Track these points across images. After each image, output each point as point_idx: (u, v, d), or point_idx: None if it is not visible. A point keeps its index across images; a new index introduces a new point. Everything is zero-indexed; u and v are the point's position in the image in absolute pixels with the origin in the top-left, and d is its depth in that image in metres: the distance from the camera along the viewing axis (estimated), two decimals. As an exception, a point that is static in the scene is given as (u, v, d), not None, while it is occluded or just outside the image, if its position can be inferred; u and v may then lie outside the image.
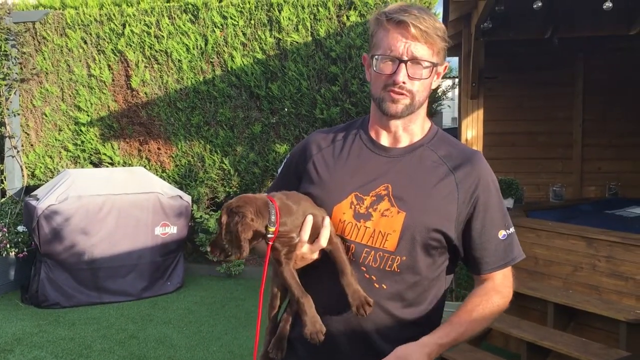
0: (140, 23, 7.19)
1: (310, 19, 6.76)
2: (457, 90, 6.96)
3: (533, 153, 6.16)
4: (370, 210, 1.45)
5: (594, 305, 3.80)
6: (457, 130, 5.44)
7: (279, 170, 1.71)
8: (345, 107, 6.70)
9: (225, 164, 7.15)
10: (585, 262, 4.04)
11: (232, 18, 6.95)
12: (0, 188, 7.40)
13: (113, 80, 7.41)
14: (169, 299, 5.86)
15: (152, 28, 7.17)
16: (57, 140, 7.63)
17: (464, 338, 1.45)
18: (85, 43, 7.42)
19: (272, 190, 1.62)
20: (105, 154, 7.52)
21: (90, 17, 7.34)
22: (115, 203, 5.75)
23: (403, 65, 1.41)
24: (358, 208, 1.46)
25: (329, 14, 6.70)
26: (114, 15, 7.27)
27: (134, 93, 7.35)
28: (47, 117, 7.62)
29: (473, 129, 5.01)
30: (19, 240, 6.00)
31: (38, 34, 7.51)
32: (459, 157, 1.50)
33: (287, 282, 1.42)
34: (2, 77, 7.09)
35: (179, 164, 7.35)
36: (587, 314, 3.85)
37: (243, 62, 6.97)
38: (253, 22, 6.92)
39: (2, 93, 7.14)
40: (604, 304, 3.81)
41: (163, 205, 6.00)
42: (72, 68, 7.48)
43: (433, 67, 1.45)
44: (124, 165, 7.41)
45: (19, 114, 7.36)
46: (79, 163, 7.61)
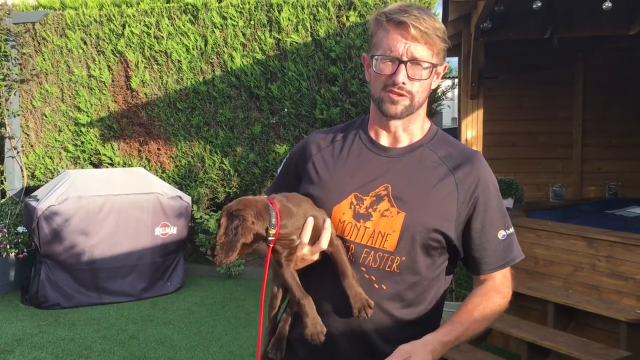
0: (140, 24, 7.20)
1: (310, 20, 6.77)
2: (456, 90, 6.96)
3: (533, 153, 6.15)
4: (370, 211, 1.45)
5: (594, 305, 3.80)
6: (457, 130, 5.44)
7: (278, 171, 1.71)
8: (345, 107, 6.70)
9: (225, 165, 7.15)
10: (586, 262, 4.04)
11: (231, 18, 6.95)
12: (0, 189, 7.40)
13: (113, 81, 7.41)
14: (169, 300, 5.86)
15: (151, 29, 7.17)
16: (57, 141, 7.63)
17: (466, 337, 1.44)
18: (85, 44, 7.42)
19: (271, 191, 1.62)
20: (105, 155, 7.52)
21: (90, 17, 7.34)
22: (115, 204, 5.75)
23: (403, 66, 1.41)
24: (358, 208, 1.46)
25: (329, 15, 6.70)
26: (114, 16, 7.27)
27: (134, 94, 7.35)
28: (47, 117, 7.62)
29: (473, 129, 5.01)
30: (19, 241, 6.00)
31: (38, 35, 7.51)
32: (459, 157, 1.50)
33: (287, 283, 1.42)
34: (1, 77, 7.09)
35: (179, 165, 7.35)
36: (587, 314, 3.85)
37: (243, 62, 6.98)
38: (253, 22, 6.92)
39: (2, 94, 7.14)
40: (604, 304, 3.81)
41: (163, 206, 6.01)
42: (71, 69, 7.48)
43: (433, 67, 1.45)
44: (124, 166, 7.41)
45: (19, 115, 7.36)
46: (79, 164, 7.61)
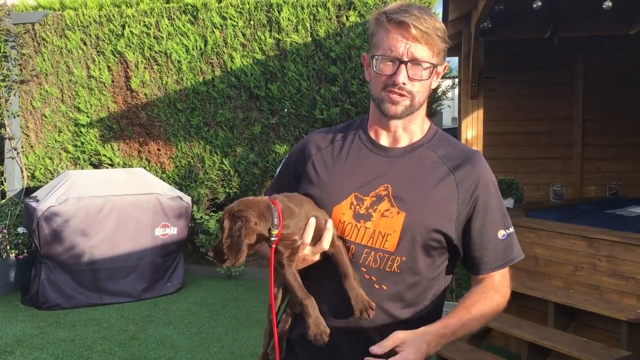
0: (140, 24, 7.19)
1: (310, 20, 6.76)
2: (457, 90, 6.96)
3: (533, 153, 6.15)
4: (370, 211, 1.45)
5: (595, 305, 3.79)
6: (457, 130, 5.43)
7: (278, 171, 1.70)
8: (345, 107, 6.70)
9: (225, 165, 7.15)
10: (586, 261, 4.03)
11: (231, 19, 6.95)
12: (0, 189, 7.40)
13: (113, 82, 7.41)
14: (170, 300, 5.85)
15: (151, 29, 7.17)
16: (57, 142, 7.63)
17: (462, 334, 1.44)
18: (85, 44, 7.42)
19: (270, 191, 1.61)
20: (105, 155, 7.52)
21: (90, 18, 7.34)
22: (115, 204, 5.75)
23: (403, 66, 1.41)
24: (358, 209, 1.46)
25: (329, 15, 6.70)
26: (114, 17, 7.27)
27: (134, 94, 7.35)
28: (46, 118, 7.62)
29: (473, 129, 5.00)
30: (19, 242, 6.00)
31: (37, 35, 7.51)
32: (459, 157, 1.50)
33: (289, 284, 1.41)
34: (1, 78, 7.09)
35: (179, 165, 7.35)
36: (587, 314, 3.85)
37: (243, 62, 6.97)
38: (252, 22, 6.92)
39: (1, 94, 7.14)
40: (605, 304, 3.80)
41: (163, 206, 6.00)
42: (71, 69, 7.48)
43: (433, 68, 1.44)
44: (124, 167, 7.41)
45: (19, 116, 7.36)
46: (79, 164, 7.61)
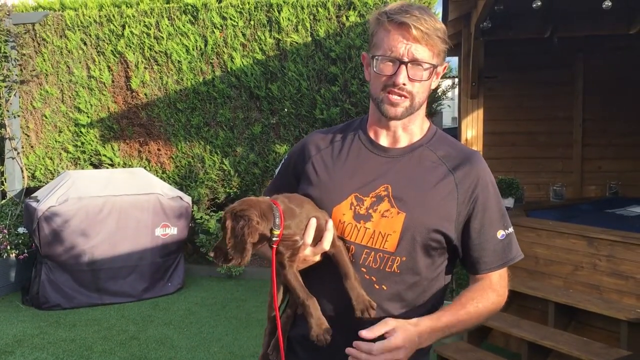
0: (140, 24, 7.20)
1: (310, 20, 6.77)
2: (457, 90, 6.96)
3: (533, 153, 6.15)
4: (370, 211, 1.45)
5: (595, 305, 3.79)
6: (457, 130, 5.44)
7: (277, 171, 1.70)
8: (345, 107, 6.70)
9: (226, 165, 7.15)
10: (586, 261, 4.04)
11: (231, 19, 6.95)
12: (1, 190, 7.40)
13: (113, 82, 7.41)
14: (170, 300, 5.86)
15: (151, 29, 7.17)
16: (57, 142, 7.63)
17: (456, 329, 1.43)
18: (85, 44, 7.42)
19: (269, 191, 1.61)
20: (106, 155, 7.52)
21: (90, 18, 7.34)
22: (116, 204, 5.75)
23: (403, 67, 1.41)
24: (358, 209, 1.46)
25: (329, 15, 6.70)
26: (114, 17, 7.27)
27: (134, 94, 7.35)
28: (47, 118, 7.62)
29: (473, 129, 5.01)
30: (20, 242, 6.01)
31: (38, 36, 7.51)
32: (458, 157, 1.50)
33: (291, 284, 1.41)
34: (2, 78, 7.09)
35: (179, 165, 7.35)
36: (587, 314, 3.85)
37: (243, 62, 6.98)
38: (252, 22, 6.92)
39: (2, 95, 7.14)
40: (605, 303, 3.80)
41: (163, 206, 6.00)
42: (71, 69, 7.48)
43: (433, 68, 1.45)
44: (124, 167, 7.41)
45: (19, 116, 7.36)
46: (79, 164, 7.61)
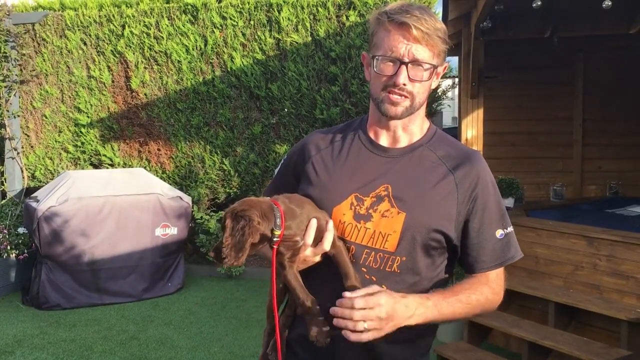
0: (140, 24, 7.19)
1: (310, 19, 6.76)
2: (457, 90, 6.96)
3: (533, 152, 6.15)
4: (371, 212, 1.45)
5: (595, 305, 3.79)
6: (457, 130, 5.44)
7: (276, 171, 1.70)
8: (345, 107, 6.70)
9: (226, 165, 7.15)
10: (586, 261, 4.03)
11: (231, 19, 6.95)
12: (1, 190, 7.40)
13: (113, 82, 7.41)
14: (170, 300, 5.85)
15: (151, 29, 7.17)
16: (57, 142, 7.63)
17: (444, 315, 1.40)
18: (85, 44, 7.42)
19: (269, 191, 1.61)
20: (106, 155, 7.52)
21: (90, 18, 7.34)
22: (116, 204, 5.75)
23: (404, 67, 1.41)
24: (358, 209, 1.46)
25: (329, 14, 6.70)
26: (114, 17, 7.27)
27: (134, 94, 7.35)
28: (47, 118, 7.62)
29: (473, 129, 5.00)
30: (20, 242, 6.01)
31: (37, 36, 7.51)
32: (458, 157, 1.50)
33: (291, 285, 1.41)
34: (1, 79, 7.09)
35: (179, 165, 7.35)
36: (588, 313, 3.85)
37: (243, 62, 6.97)
38: (252, 22, 6.92)
39: (2, 95, 7.14)
40: (605, 303, 3.80)
41: (163, 206, 6.00)
42: (71, 69, 7.48)
43: (433, 69, 1.44)
44: (124, 167, 7.41)
45: (19, 116, 7.36)
46: (79, 164, 7.61)
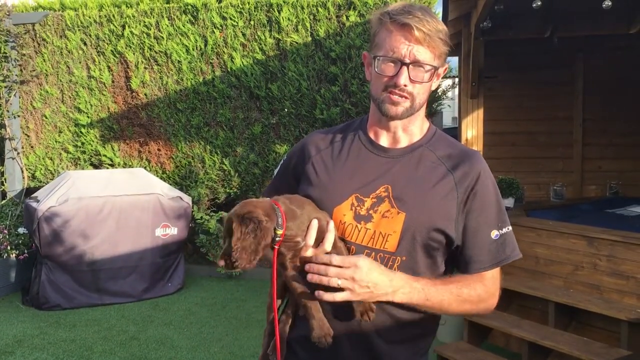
0: (140, 24, 7.19)
1: (310, 20, 6.76)
2: (457, 90, 6.96)
3: (533, 152, 6.15)
4: (371, 212, 1.45)
5: (595, 305, 3.79)
6: (457, 130, 5.43)
7: (276, 172, 1.70)
8: (345, 107, 6.70)
9: (226, 165, 7.15)
10: (586, 261, 4.03)
11: (231, 19, 6.95)
12: (1, 190, 7.40)
13: (113, 82, 7.41)
14: (170, 300, 5.85)
15: (151, 29, 7.17)
16: (57, 142, 7.63)
17: (433, 302, 1.40)
18: (85, 44, 7.42)
19: (268, 191, 1.61)
20: (106, 156, 7.52)
21: (90, 18, 7.34)
22: (116, 204, 5.75)
23: (405, 68, 1.41)
24: (358, 210, 1.46)
25: (329, 14, 6.70)
26: (114, 17, 7.27)
27: (134, 94, 7.35)
28: (47, 118, 7.62)
29: (473, 129, 5.00)
30: (20, 242, 6.01)
31: (38, 36, 7.51)
32: (457, 157, 1.50)
33: (292, 286, 1.41)
34: (1, 79, 7.09)
35: (179, 165, 7.35)
36: (588, 314, 3.85)
37: (243, 62, 6.97)
38: (252, 22, 6.92)
39: (2, 95, 7.14)
40: (605, 303, 3.80)
41: (163, 207, 6.00)
42: (71, 69, 7.48)
43: (434, 70, 1.45)
44: (124, 167, 7.41)
45: (19, 116, 7.36)
46: (79, 165, 7.61)
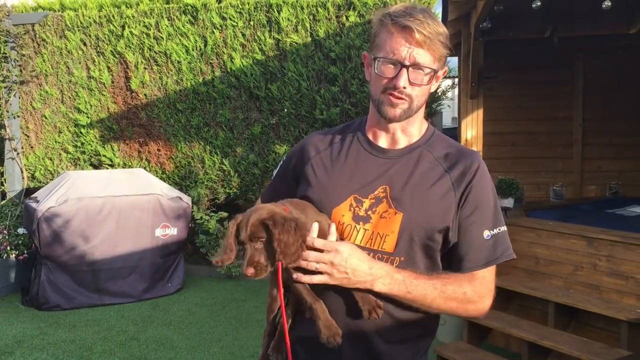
0: (140, 24, 7.19)
1: (310, 20, 6.76)
2: (456, 90, 6.96)
3: (533, 152, 6.15)
4: (369, 213, 1.45)
5: (595, 305, 3.80)
6: (457, 130, 5.43)
7: (275, 173, 1.71)
8: (345, 107, 6.70)
9: (225, 165, 7.15)
10: (586, 261, 4.04)
11: (231, 19, 6.95)
12: (1, 190, 7.40)
13: (112, 82, 7.41)
14: (170, 301, 5.85)
15: (151, 29, 7.17)
16: (57, 142, 7.63)
17: (414, 295, 1.39)
18: (85, 45, 7.42)
19: (268, 192, 1.62)
20: (105, 156, 7.52)
21: (90, 18, 7.34)
22: (115, 205, 5.75)
23: (404, 70, 1.41)
24: (357, 210, 1.47)
25: (328, 15, 6.70)
26: (113, 17, 7.27)
27: (134, 95, 7.35)
28: (46, 119, 7.62)
29: (473, 129, 5.00)
30: (19, 243, 6.01)
31: (37, 36, 7.51)
32: (455, 157, 1.51)
33: (297, 288, 1.42)
34: (1, 79, 7.09)
35: (179, 165, 7.35)
36: (587, 314, 3.85)
37: (242, 63, 6.97)
38: (252, 23, 6.92)
39: (1, 95, 7.14)
40: (605, 304, 3.80)
41: (163, 207, 6.00)
42: (71, 70, 7.48)
43: (433, 73, 1.45)
44: (124, 167, 7.41)
45: (19, 116, 7.36)
46: (79, 165, 7.61)
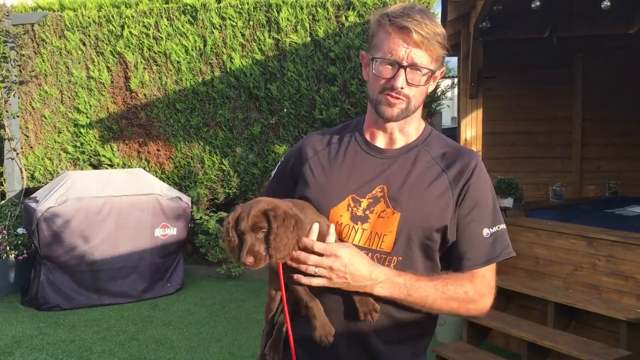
0: (139, 24, 7.19)
1: (309, 20, 6.76)
2: (456, 90, 6.96)
3: (532, 152, 6.15)
4: (367, 213, 1.46)
5: (595, 305, 3.80)
6: (456, 130, 5.43)
7: (273, 173, 1.71)
8: (345, 107, 6.70)
9: (225, 165, 7.15)
10: (586, 261, 4.04)
11: (230, 19, 6.95)
12: (0, 190, 7.39)
13: (112, 82, 7.41)
14: (169, 301, 5.85)
15: (150, 29, 7.17)
16: (56, 142, 7.63)
17: (416, 298, 1.39)
18: (84, 45, 7.41)
19: (266, 192, 1.62)
20: (105, 156, 7.51)
21: (89, 18, 7.33)
22: (115, 205, 5.74)
23: (402, 71, 1.42)
24: (355, 210, 1.47)
25: (328, 15, 6.70)
26: (113, 17, 7.27)
27: (133, 95, 7.34)
28: (46, 119, 7.62)
29: (472, 129, 5.00)
30: (19, 243, 6.01)
31: (37, 36, 7.51)
32: (452, 156, 1.51)
33: (295, 287, 1.42)
34: (1, 79, 7.09)
35: (179, 165, 7.35)
36: (587, 314, 3.85)
37: (242, 63, 6.97)
38: (252, 23, 6.92)
39: (1, 95, 7.14)
40: (605, 304, 3.81)
41: (162, 207, 6.00)
42: (71, 70, 7.47)
43: (431, 73, 1.45)
44: (124, 167, 7.41)
45: (18, 116, 7.36)
46: (79, 165, 7.61)
